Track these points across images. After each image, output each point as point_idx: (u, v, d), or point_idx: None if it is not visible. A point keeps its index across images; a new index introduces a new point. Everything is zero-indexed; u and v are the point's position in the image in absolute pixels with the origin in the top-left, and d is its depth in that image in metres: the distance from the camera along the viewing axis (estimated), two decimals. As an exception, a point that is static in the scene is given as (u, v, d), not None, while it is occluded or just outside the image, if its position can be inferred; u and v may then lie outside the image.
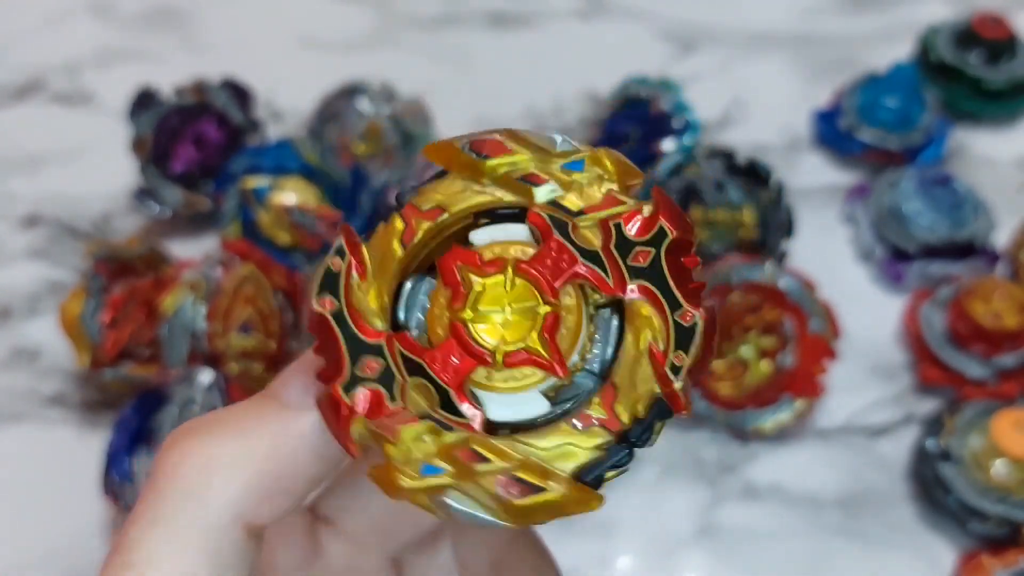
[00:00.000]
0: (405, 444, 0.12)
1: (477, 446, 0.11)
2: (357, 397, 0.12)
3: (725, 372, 0.37)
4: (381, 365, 0.12)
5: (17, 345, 0.40)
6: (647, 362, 0.12)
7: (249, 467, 0.12)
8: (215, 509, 0.12)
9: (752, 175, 0.42)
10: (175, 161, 0.43)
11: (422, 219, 0.13)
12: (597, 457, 0.12)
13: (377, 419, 0.12)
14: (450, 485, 0.11)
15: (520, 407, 0.12)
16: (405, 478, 0.11)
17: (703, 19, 0.54)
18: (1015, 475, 0.34)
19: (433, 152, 0.13)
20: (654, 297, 0.12)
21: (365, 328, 0.12)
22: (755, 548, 0.35)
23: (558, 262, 0.12)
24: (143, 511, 0.12)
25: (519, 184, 0.13)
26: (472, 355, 0.12)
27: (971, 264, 0.41)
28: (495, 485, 0.11)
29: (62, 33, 0.53)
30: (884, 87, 0.46)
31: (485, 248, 0.13)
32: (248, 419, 0.13)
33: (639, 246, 0.12)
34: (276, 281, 0.37)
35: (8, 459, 0.37)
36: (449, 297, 0.12)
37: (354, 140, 0.43)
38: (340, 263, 0.12)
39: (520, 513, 0.11)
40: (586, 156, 0.13)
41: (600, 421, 0.12)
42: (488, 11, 0.55)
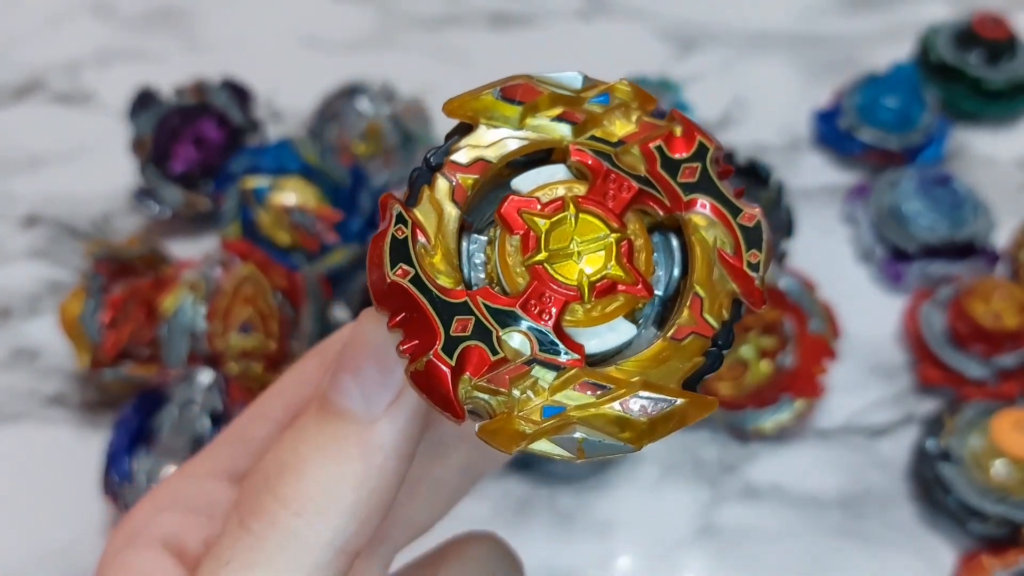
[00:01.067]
0: (518, 392, 0.12)
1: (591, 378, 0.12)
2: (460, 357, 0.11)
3: (725, 372, 0.37)
4: (472, 322, 0.12)
5: (17, 345, 0.40)
6: (720, 268, 0.12)
7: (344, 497, 0.12)
8: (317, 548, 0.12)
9: (752, 175, 0.42)
10: (175, 161, 0.43)
11: (467, 174, 0.12)
12: (697, 364, 0.12)
13: (483, 376, 0.12)
14: (575, 420, 0.11)
15: (611, 336, 0.12)
16: (526, 424, 0.11)
17: (703, 19, 0.54)
18: (1015, 475, 0.34)
19: (456, 107, 0.13)
20: (713, 207, 0.12)
21: (446, 290, 0.12)
22: (755, 548, 0.35)
23: (617, 191, 0.12)
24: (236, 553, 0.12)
25: (554, 124, 0.13)
26: (562, 294, 0.12)
27: (971, 264, 0.41)
28: (621, 408, 0.11)
29: (62, 33, 0.53)
30: (884, 87, 0.46)
31: (536, 192, 0.13)
32: (326, 446, 0.12)
33: (685, 163, 0.13)
34: (276, 281, 0.37)
35: (8, 459, 0.37)
36: (518, 245, 0.12)
37: (354, 140, 0.43)
38: (405, 230, 0.12)
39: (648, 430, 0.12)
40: (609, 89, 0.13)
41: (693, 331, 0.12)
42: (488, 11, 0.55)
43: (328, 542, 0.12)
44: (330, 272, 0.40)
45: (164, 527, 0.15)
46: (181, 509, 0.15)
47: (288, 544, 0.12)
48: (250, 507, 0.13)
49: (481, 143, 0.13)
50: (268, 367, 0.36)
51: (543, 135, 0.13)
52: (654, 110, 0.13)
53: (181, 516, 0.15)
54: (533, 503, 0.36)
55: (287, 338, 0.37)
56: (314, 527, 0.12)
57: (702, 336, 0.12)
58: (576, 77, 0.13)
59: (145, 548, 0.14)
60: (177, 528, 0.15)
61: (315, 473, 0.12)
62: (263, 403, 0.16)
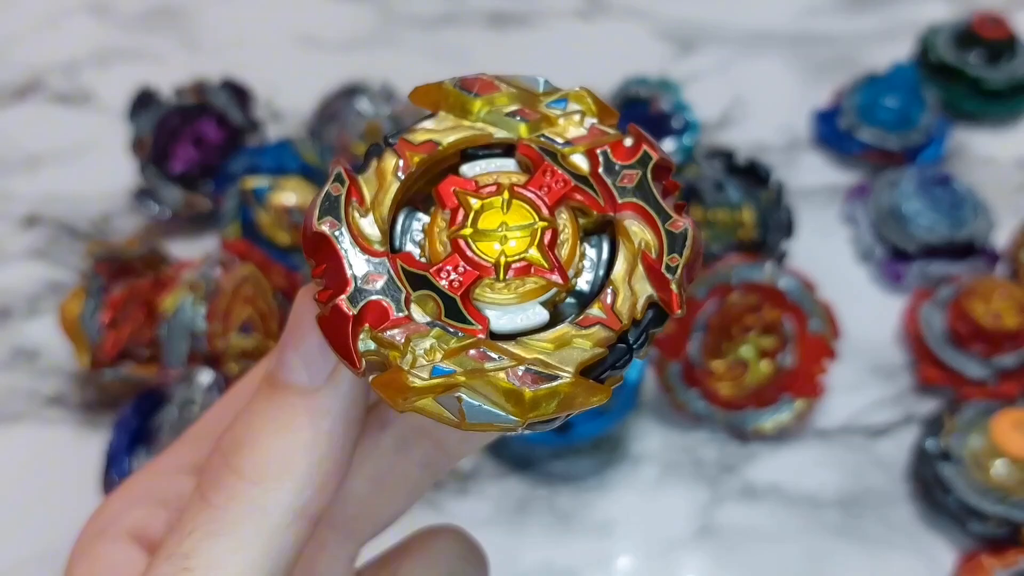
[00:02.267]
0: (413, 350, 0.12)
1: (486, 348, 0.12)
2: (364, 307, 0.12)
3: (725, 372, 0.37)
4: (384, 279, 0.12)
5: (17, 345, 0.40)
6: (641, 269, 0.13)
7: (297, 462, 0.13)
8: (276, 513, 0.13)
9: (752, 175, 0.42)
10: (175, 161, 0.43)
11: (415, 152, 0.13)
12: (600, 354, 0.12)
13: (382, 329, 0.12)
14: (462, 383, 0.12)
15: (521, 317, 0.12)
16: (416, 379, 0.12)
17: (703, 19, 0.54)
18: (1015, 475, 0.34)
19: (421, 94, 0.14)
20: (644, 211, 0.13)
21: (367, 247, 0.12)
22: (754, 548, 0.35)
23: (552, 184, 0.13)
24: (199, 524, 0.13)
25: (508, 120, 0.13)
26: (476, 267, 0.12)
27: (971, 264, 0.41)
28: (508, 377, 0.12)
29: (62, 33, 0.53)
30: (884, 87, 0.46)
31: (479, 176, 0.13)
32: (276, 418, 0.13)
33: (626, 169, 0.13)
34: (276, 281, 0.37)
35: (8, 459, 0.37)
36: (448, 218, 0.13)
37: (354, 140, 0.43)
38: (340, 188, 0.13)
39: (531, 403, 0.12)
40: (568, 95, 0.14)
41: (600, 321, 0.12)
42: (488, 11, 0.55)
43: (286, 507, 0.13)
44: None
45: (133, 520, 0.15)
46: (149, 503, 0.15)
47: (247, 512, 0.13)
48: (210, 482, 0.13)
49: (436, 128, 0.13)
50: (268, 367, 0.36)
51: (496, 129, 0.13)
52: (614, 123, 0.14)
53: (149, 509, 0.15)
54: (532, 503, 0.36)
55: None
56: (271, 493, 0.13)
57: (609, 328, 0.12)
58: (538, 80, 0.14)
59: (114, 540, 0.15)
60: (145, 521, 0.15)
61: (268, 443, 0.13)
62: (229, 399, 0.16)
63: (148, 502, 0.15)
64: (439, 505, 0.35)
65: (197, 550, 0.12)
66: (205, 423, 0.16)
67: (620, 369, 0.12)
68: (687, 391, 0.37)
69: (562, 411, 0.12)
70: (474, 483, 0.36)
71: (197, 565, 0.12)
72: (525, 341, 0.12)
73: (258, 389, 0.14)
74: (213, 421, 0.16)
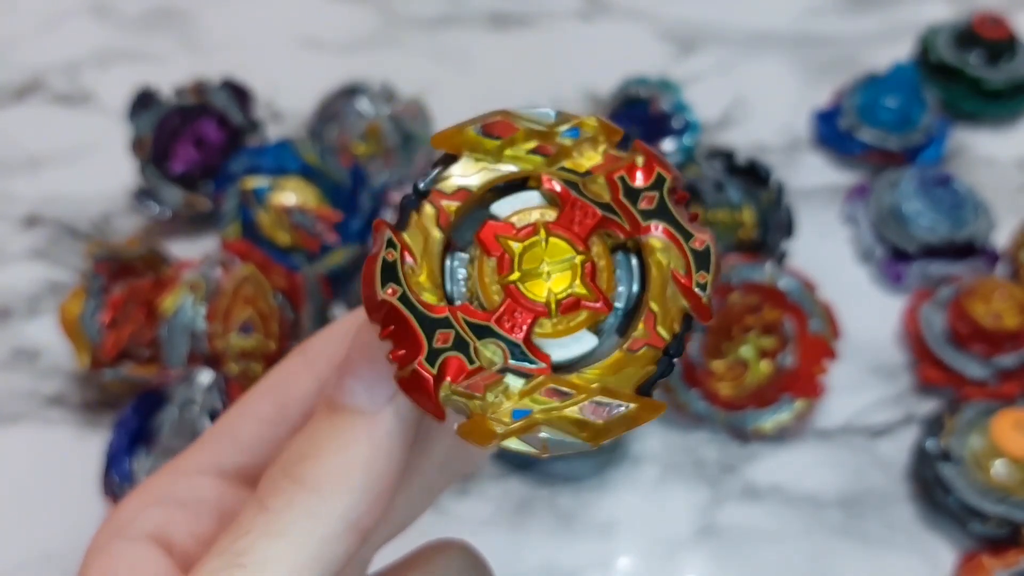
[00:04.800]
0: (491, 396, 0.13)
1: (555, 384, 0.13)
2: (441, 365, 0.13)
3: (725, 372, 0.37)
4: (452, 335, 0.13)
5: (17, 345, 0.40)
6: (673, 286, 0.14)
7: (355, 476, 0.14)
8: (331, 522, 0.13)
9: (752, 175, 0.42)
10: (175, 161, 0.43)
11: (450, 201, 0.14)
12: (650, 372, 0.14)
13: (461, 382, 0.13)
14: (540, 421, 0.13)
15: (575, 346, 0.14)
16: (498, 424, 0.13)
17: (703, 19, 0.54)
18: (1015, 475, 0.34)
19: (444, 140, 0.15)
20: (669, 233, 0.14)
21: (431, 307, 0.14)
22: (755, 548, 0.35)
23: (582, 217, 0.14)
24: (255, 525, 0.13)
25: (529, 156, 0.15)
26: (531, 310, 0.14)
27: (971, 264, 0.41)
28: (579, 412, 0.13)
29: (62, 33, 0.53)
30: (884, 87, 0.46)
31: (512, 216, 0.14)
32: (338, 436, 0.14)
33: (644, 192, 0.14)
34: (276, 281, 0.37)
35: (8, 459, 0.37)
36: (495, 265, 0.14)
37: (354, 140, 0.43)
38: (394, 253, 0.14)
39: (602, 431, 0.13)
40: (578, 123, 0.15)
41: (647, 343, 0.14)
42: (488, 11, 0.55)
43: (340, 517, 0.13)
44: (330, 272, 0.40)
45: (152, 521, 0.15)
46: (168, 504, 0.16)
47: (303, 517, 0.13)
48: (269, 488, 0.14)
49: (464, 173, 0.14)
50: (268, 367, 0.36)
51: (519, 166, 0.15)
52: (620, 140, 0.15)
53: (168, 510, 0.15)
54: (534, 503, 0.36)
55: (287, 338, 0.37)
56: (328, 503, 0.13)
57: (654, 347, 0.14)
58: (549, 113, 0.15)
59: (133, 541, 0.15)
60: (164, 522, 0.15)
61: (329, 458, 0.14)
62: (249, 401, 0.16)
63: (166, 503, 0.16)
64: (441, 506, 0.35)
65: (252, 549, 0.13)
66: (225, 424, 0.16)
67: (665, 376, 0.14)
68: (688, 391, 0.37)
69: (628, 430, 0.13)
70: (475, 484, 0.36)
71: (250, 563, 0.13)
72: (584, 371, 0.14)
73: (317, 411, 0.14)
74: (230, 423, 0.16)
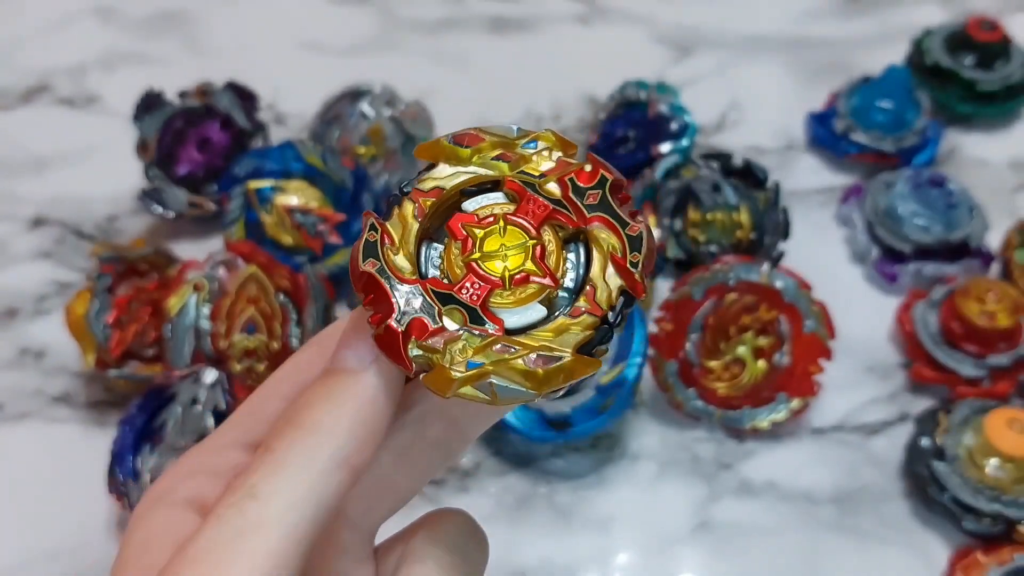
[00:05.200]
0: (450, 351, 0.16)
1: (504, 343, 0.16)
2: (409, 325, 0.16)
3: (722, 371, 0.38)
4: (419, 300, 0.16)
5: (24, 345, 0.41)
6: (612, 266, 0.16)
7: (345, 420, 0.16)
8: (325, 457, 0.16)
9: (748, 177, 0.43)
10: (180, 163, 0.44)
11: (427, 198, 0.17)
12: (589, 335, 0.16)
13: (425, 338, 0.16)
14: (491, 371, 0.15)
15: (526, 315, 0.16)
16: (456, 372, 0.15)
17: (700, 23, 0.55)
18: (1009, 473, 0.34)
19: (424, 151, 0.17)
20: (608, 222, 0.17)
21: (402, 278, 0.16)
22: (751, 544, 0.35)
23: (536, 209, 0.17)
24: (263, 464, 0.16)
25: (494, 162, 0.17)
26: (488, 282, 0.16)
27: (965, 265, 0.42)
28: (524, 362, 0.15)
29: (68, 37, 0.54)
30: (878, 90, 0.46)
31: (478, 210, 0.17)
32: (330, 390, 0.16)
33: (589, 190, 0.17)
34: (279, 282, 0.38)
35: (14, 457, 0.37)
36: (460, 248, 0.17)
37: (356, 142, 0.44)
38: (375, 235, 0.17)
39: (544, 379, 0.15)
40: (537, 136, 0.18)
41: (587, 311, 0.16)
42: (488, 15, 0.55)
43: (332, 454, 0.16)
44: (333, 272, 0.40)
45: (188, 490, 0.18)
46: (202, 474, 0.18)
47: (302, 454, 0.16)
48: (274, 435, 0.16)
49: (440, 176, 0.17)
50: (271, 366, 0.37)
51: (486, 171, 0.17)
52: (573, 151, 0.17)
53: (202, 480, 0.18)
54: (533, 500, 0.36)
55: (290, 338, 0.37)
56: (322, 442, 0.16)
57: (593, 315, 0.16)
58: (512, 128, 0.18)
59: (171, 506, 0.17)
60: (199, 490, 0.18)
61: (322, 406, 0.16)
62: (272, 384, 0.19)
63: (202, 473, 0.18)
64: (440, 502, 0.36)
65: (261, 483, 0.15)
66: (251, 404, 0.19)
67: (605, 343, 0.16)
68: (684, 390, 0.37)
69: (566, 382, 0.16)
70: (475, 480, 0.37)
71: (260, 493, 0.15)
72: (533, 333, 0.16)
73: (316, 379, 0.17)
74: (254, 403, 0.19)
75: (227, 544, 0.15)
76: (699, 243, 0.42)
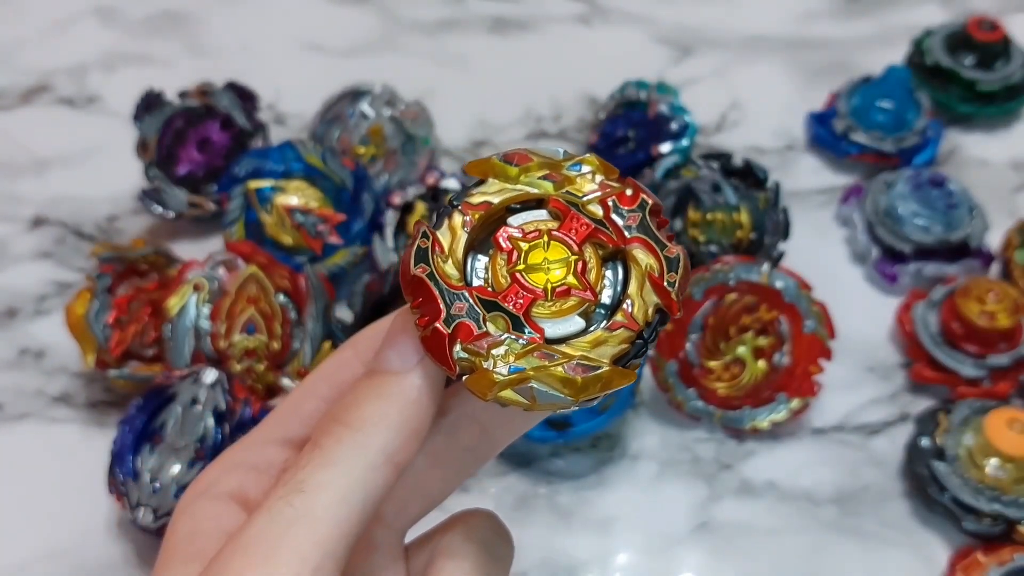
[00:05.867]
0: (493, 355, 0.16)
1: (545, 350, 0.16)
2: (455, 328, 0.16)
3: (722, 371, 0.38)
4: (466, 306, 0.17)
5: (23, 345, 0.41)
6: (649, 285, 0.17)
7: (390, 418, 0.17)
8: (372, 453, 0.16)
9: (748, 177, 0.43)
10: (180, 163, 0.44)
11: (475, 211, 0.18)
12: (625, 349, 0.17)
13: (470, 342, 0.16)
14: (532, 376, 0.16)
15: (565, 326, 0.17)
16: (498, 375, 0.16)
17: (700, 24, 0.55)
18: (1009, 473, 0.34)
19: (475, 167, 0.18)
20: (646, 243, 0.18)
21: (451, 284, 0.17)
22: (751, 544, 0.35)
23: (579, 227, 0.18)
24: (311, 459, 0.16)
25: (540, 181, 0.18)
26: (531, 292, 0.17)
27: (965, 265, 0.42)
28: (564, 369, 0.16)
29: (69, 37, 0.54)
30: (878, 90, 0.46)
31: (523, 225, 0.18)
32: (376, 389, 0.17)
33: (630, 212, 0.18)
34: (279, 282, 0.38)
35: (14, 457, 0.37)
36: (505, 259, 0.17)
37: (356, 143, 0.44)
38: (427, 243, 0.17)
39: (582, 387, 0.16)
40: (582, 160, 0.19)
41: (624, 325, 0.17)
42: (488, 15, 0.55)
43: (379, 450, 0.16)
44: (333, 273, 0.40)
45: (230, 483, 0.18)
46: (243, 468, 0.18)
47: (350, 450, 0.16)
48: (321, 431, 0.17)
49: (488, 191, 0.18)
50: (271, 366, 0.37)
51: (532, 189, 0.18)
52: (615, 176, 0.18)
53: (244, 474, 0.18)
54: (533, 500, 0.36)
55: (290, 338, 0.37)
56: (369, 438, 0.16)
57: (630, 330, 0.17)
58: (558, 151, 0.19)
59: (214, 499, 0.18)
60: (242, 483, 0.18)
61: (369, 405, 0.17)
62: (310, 384, 0.19)
63: (243, 468, 0.18)
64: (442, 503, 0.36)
65: (309, 477, 0.16)
66: (291, 403, 0.19)
67: (639, 358, 0.17)
68: (685, 390, 0.37)
69: (603, 391, 0.16)
70: (475, 480, 0.37)
71: (308, 487, 0.16)
72: (572, 343, 0.17)
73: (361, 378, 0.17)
74: (294, 402, 0.19)
75: (277, 535, 0.15)
76: (699, 243, 0.42)
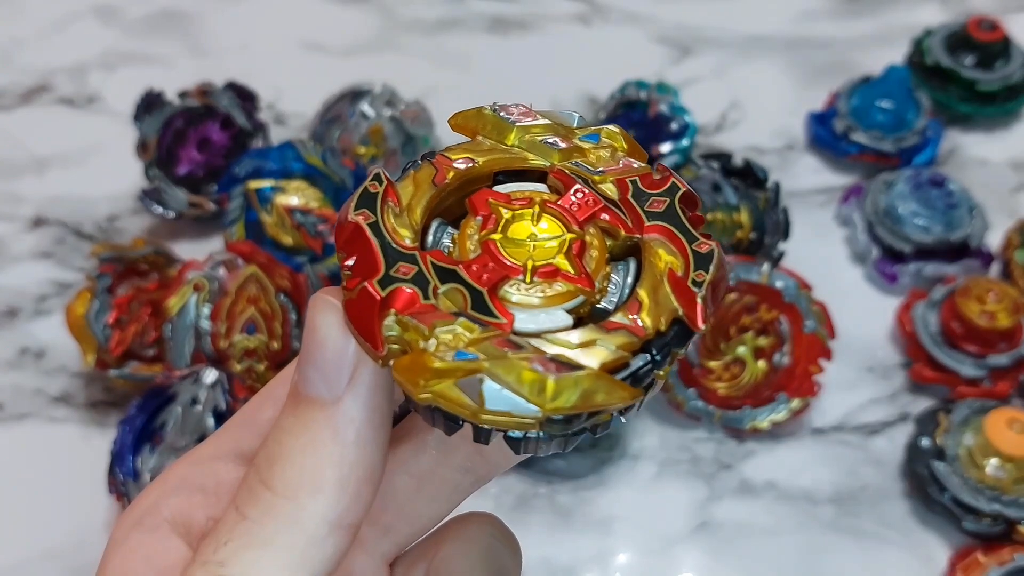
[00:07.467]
0: (437, 335, 0.12)
1: (513, 339, 0.12)
2: (392, 293, 0.12)
3: (722, 371, 0.38)
4: (414, 270, 0.12)
5: (24, 345, 0.41)
6: (667, 285, 0.12)
7: (328, 476, 0.13)
8: (311, 525, 0.13)
9: (748, 177, 0.43)
10: (180, 163, 0.44)
11: (452, 167, 0.13)
12: (623, 358, 0.12)
13: (408, 313, 0.12)
14: (485, 368, 0.11)
15: (545, 319, 0.12)
16: (438, 360, 0.11)
17: (700, 23, 0.55)
18: (1009, 473, 0.34)
19: (461, 120, 0.14)
20: (671, 234, 0.13)
21: (399, 241, 0.13)
22: (751, 544, 0.35)
23: (583, 202, 0.13)
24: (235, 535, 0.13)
25: (543, 146, 0.14)
26: (503, 266, 0.12)
27: (965, 265, 0.42)
28: (532, 364, 0.11)
29: (69, 36, 0.54)
30: (878, 90, 0.46)
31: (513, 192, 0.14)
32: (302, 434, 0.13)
33: (655, 196, 0.13)
34: (279, 282, 0.38)
35: (14, 457, 0.37)
36: (480, 224, 0.13)
37: (356, 143, 0.44)
38: (378, 187, 0.13)
39: (553, 393, 0.11)
40: (601, 131, 0.14)
41: (624, 326, 0.12)
42: (489, 15, 0.55)
43: (321, 518, 0.13)
44: (333, 273, 0.40)
45: (171, 508, 0.15)
46: (187, 490, 0.15)
47: (283, 525, 0.13)
48: (245, 496, 0.13)
49: (477, 148, 0.14)
50: (271, 366, 0.37)
51: (531, 154, 0.14)
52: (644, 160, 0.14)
53: (187, 497, 0.15)
54: (533, 500, 0.36)
55: (290, 338, 0.37)
56: (305, 508, 0.13)
57: (633, 335, 0.12)
58: (573, 115, 0.14)
59: (152, 530, 0.15)
60: (184, 508, 0.15)
61: (297, 460, 0.13)
62: (269, 390, 0.16)
63: (186, 489, 0.15)
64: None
65: (233, 559, 0.13)
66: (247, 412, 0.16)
67: (641, 381, 0.12)
68: (685, 390, 0.37)
69: (583, 405, 0.11)
70: (474, 480, 0.37)
71: (232, 573, 0.12)
72: (549, 338, 0.12)
73: (285, 403, 0.14)
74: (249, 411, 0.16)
75: None
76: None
